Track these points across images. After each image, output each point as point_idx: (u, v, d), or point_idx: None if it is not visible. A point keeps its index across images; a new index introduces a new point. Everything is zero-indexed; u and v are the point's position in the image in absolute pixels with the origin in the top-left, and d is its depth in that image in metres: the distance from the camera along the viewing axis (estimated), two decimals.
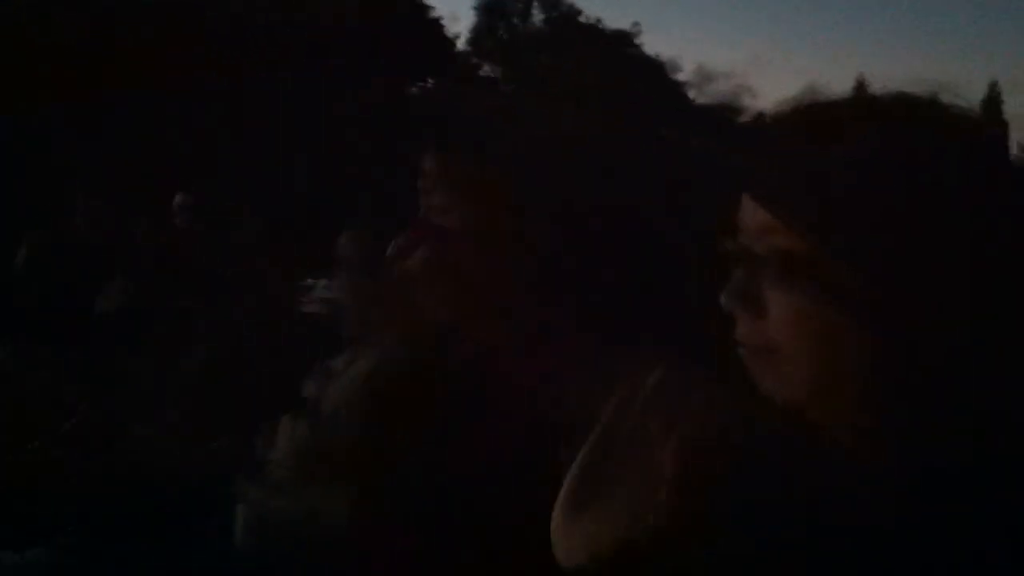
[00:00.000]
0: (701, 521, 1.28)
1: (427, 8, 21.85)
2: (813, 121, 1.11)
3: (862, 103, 1.11)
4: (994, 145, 1.09)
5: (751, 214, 1.09)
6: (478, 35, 24.52)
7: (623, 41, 27.29)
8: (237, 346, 2.84)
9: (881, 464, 1.04)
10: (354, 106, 14.38)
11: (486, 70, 23.29)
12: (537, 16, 25.93)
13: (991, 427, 0.98)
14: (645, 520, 1.28)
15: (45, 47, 12.64)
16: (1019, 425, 0.98)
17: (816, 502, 1.07)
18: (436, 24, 22.21)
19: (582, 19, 26.76)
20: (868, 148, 1.04)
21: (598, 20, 27.17)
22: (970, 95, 1.10)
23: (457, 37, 23.72)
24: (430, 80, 19.92)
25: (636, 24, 27.59)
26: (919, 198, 1.00)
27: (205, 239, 3.35)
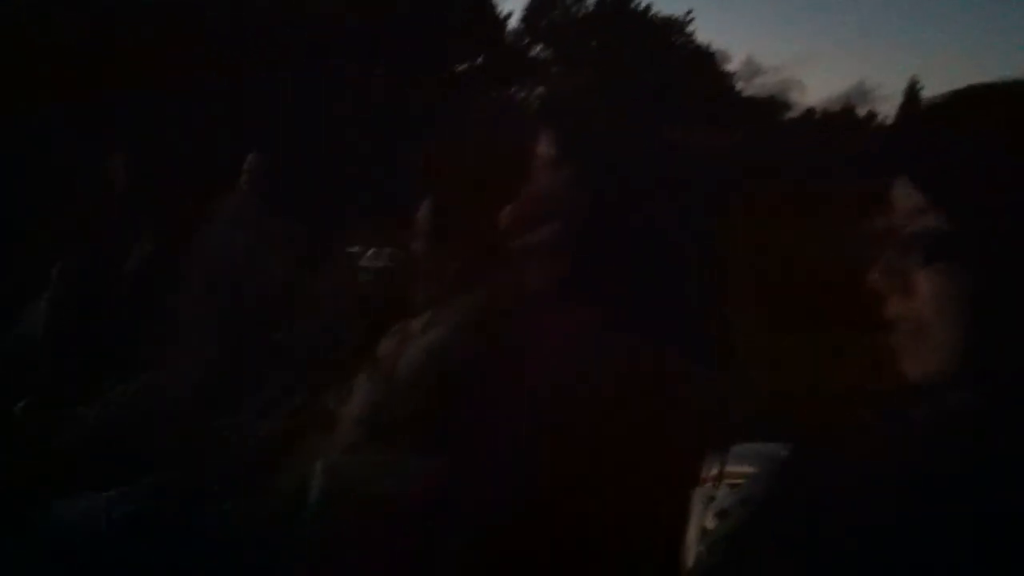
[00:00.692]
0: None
1: None
2: (967, 106, 1.13)
3: (1015, 89, 1.11)
4: None
5: (904, 195, 1.11)
6: (530, 16, 24.41)
7: (674, 28, 27.06)
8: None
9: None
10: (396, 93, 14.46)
11: (537, 51, 23.21)
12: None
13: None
14: None
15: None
16: None
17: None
18: (488, 4, 22.16)
19: (634, 4, 26.56)
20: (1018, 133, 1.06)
21: (649, 6, 26.97)
22: None
23: (509, 17, 23.66)
24: (479, 59, 19.92)
25: (689, 12, 27.31)
26: None
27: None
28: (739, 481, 1.64)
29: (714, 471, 1.60)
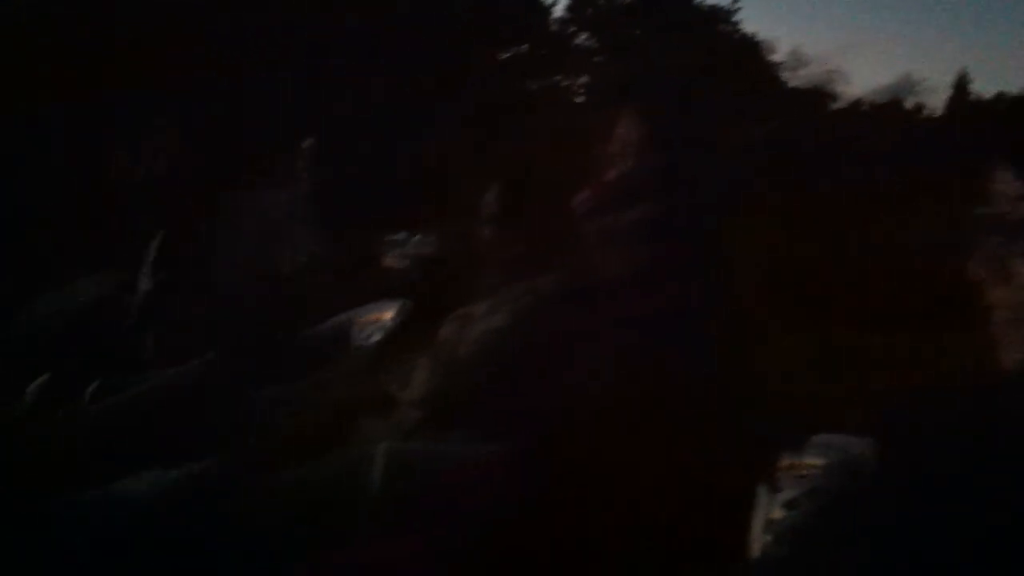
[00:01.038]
0: None
1: None
2: None
3: None
4: None
5: (1007, 183, 1.10)
6: (575, 4, 24.28)
7: (720, 17, 26.78)
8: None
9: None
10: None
11: (582, 38, 23.10)
12: None
13: None
14: None
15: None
16: None
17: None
18: None
19: None
20: None
21: None
22: None
23: (554, 5, 23.52)
24: (523, 47, 19.89)
25: (736, 1, 26.99)
26: None
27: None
28: (806, 472, 1.63)
29: (783, 462, 1.61)
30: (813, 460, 1.44)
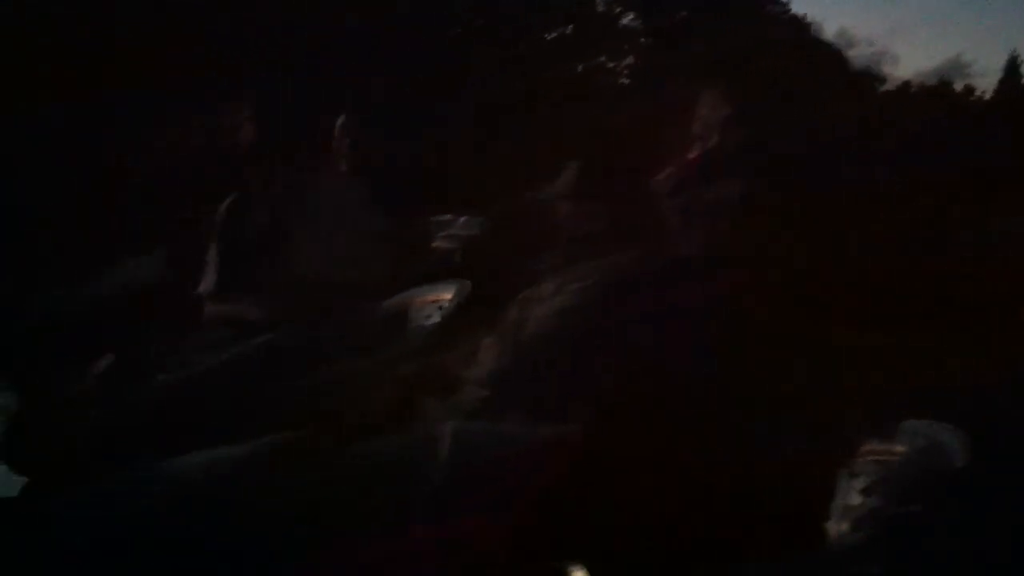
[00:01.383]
0: None
1: None
2: None
3: None
4: None
5: None
6: None
7: None
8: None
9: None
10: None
11: (627, 20, 22.95)
12: None
13: None
14: None
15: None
16: None
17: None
18: None
19: None
20: None
21: None
22: None
23: None
24: (568, 29, 19.79)
25: None
26: None
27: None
28: (887, 458, 1.62)
29: (864, 447, 1.59)
30: (896, 447, 1.42)
